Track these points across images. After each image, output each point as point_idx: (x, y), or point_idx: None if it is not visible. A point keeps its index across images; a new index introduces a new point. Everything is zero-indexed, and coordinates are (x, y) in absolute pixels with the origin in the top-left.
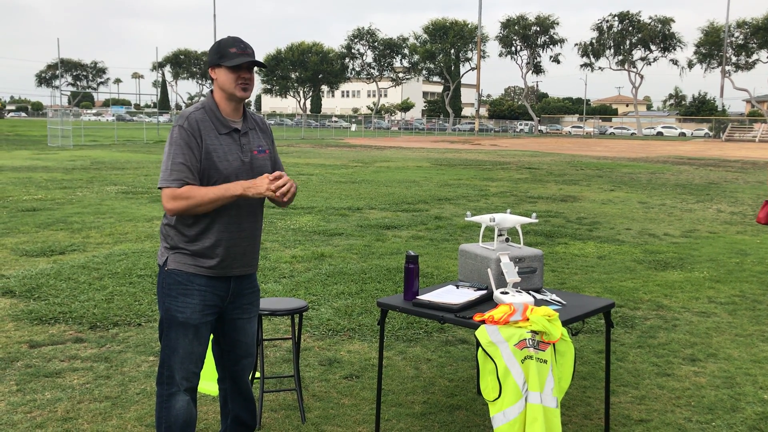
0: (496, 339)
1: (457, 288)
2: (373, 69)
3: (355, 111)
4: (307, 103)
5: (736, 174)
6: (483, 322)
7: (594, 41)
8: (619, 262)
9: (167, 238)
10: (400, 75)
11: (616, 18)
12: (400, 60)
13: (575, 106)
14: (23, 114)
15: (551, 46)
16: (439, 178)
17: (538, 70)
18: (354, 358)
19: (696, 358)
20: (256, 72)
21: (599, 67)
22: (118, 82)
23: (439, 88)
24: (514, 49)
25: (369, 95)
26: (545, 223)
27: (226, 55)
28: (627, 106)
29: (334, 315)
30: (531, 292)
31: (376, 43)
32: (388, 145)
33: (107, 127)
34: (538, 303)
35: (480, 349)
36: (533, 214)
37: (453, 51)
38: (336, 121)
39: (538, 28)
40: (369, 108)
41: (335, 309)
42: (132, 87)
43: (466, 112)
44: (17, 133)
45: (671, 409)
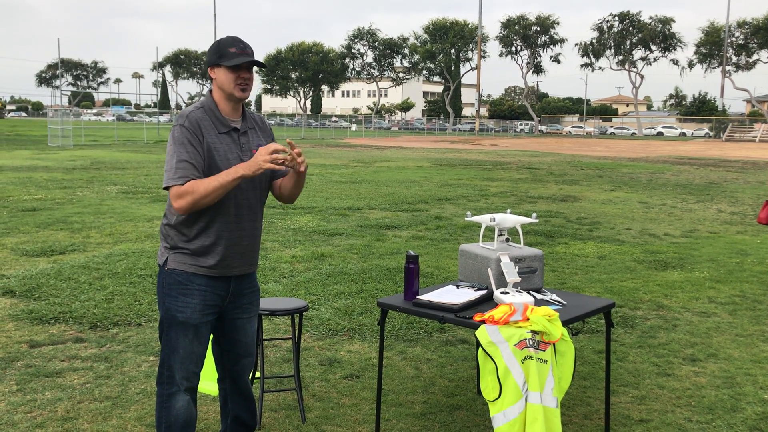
0: (496, 339)
1: (457, 288)
2: (374, 69)
3: (356, 111)
4: (308, 103)
5: (736, 174)
6: (483, 322)
7: (594, 41)
8: (619, 262)
9: (167, 238)
10: (401, 75)
11: (617, 18)
12: (401, 60)
13: (575, 106)
14: (23, 114)
15: (551, 46)
16: (440, 178)
17: (538, 70)
18: (354, 358)
19: (696, 358)
20: (256, 72)
21: (599, 67)
22: (118, 82)
23: (439, 88)
24: (514, 49)
25: (369, 95)
26: (545, 223)
27: (226, 54)
28: (627, 106)
29: (335, 315)
30: (531, 292)
31: (376, 43)
32: (389, 145)
33: (107, 127)
34: (539, 303)
35: (480, 349)
36: (533, 214)
37: (453, 51)
38: (336, 121)
39: (539, 28)
40: (369, 108)
41: (335, 309)
42: (132, 87)
43: (467, 112)
44: (17, 133)
45: (671, 409)
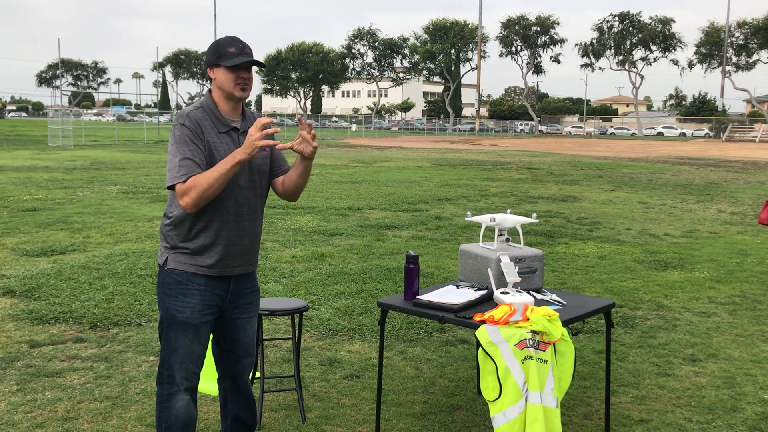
0: (496, 339)
1: (457, 288)
2: (374, 69)
3: (356, 111)
4: (308, 103)
5: (736, 174)
6: (483, 322)
7: (594, 41)
8: (619, 262)
9: (167, 238)
10: (401, 75)
11: (617, 18)
12: (401, 60)
13: (575, 107)
14: (24, 114)
15: (551, 47)
16: (440, 178)
17: (538, 70)
18: (354, 358)
19: (696, 358)
20: (256, 72)
21: (599, 68)
22: (118, 82)
23: (439, 88)
24: (514, 49)
25: (369, 95)
26: (545, 223)
27: (225, 54)
28: (627, 106)
29: (335, 315)
30: (531, 292)
31: (376, 43)
32: (389, 145)
33: (108, 127)
34: (539, 303)
35: (480, 349)
36: (533, 214)
37: (453, 51)
38: (336, 121)
39: (539, 28)
40: (369, 108)
41: (335, 309)
42: (132, 87)
43: (467, 112)
44: (18, 133)
45: (671, 410)
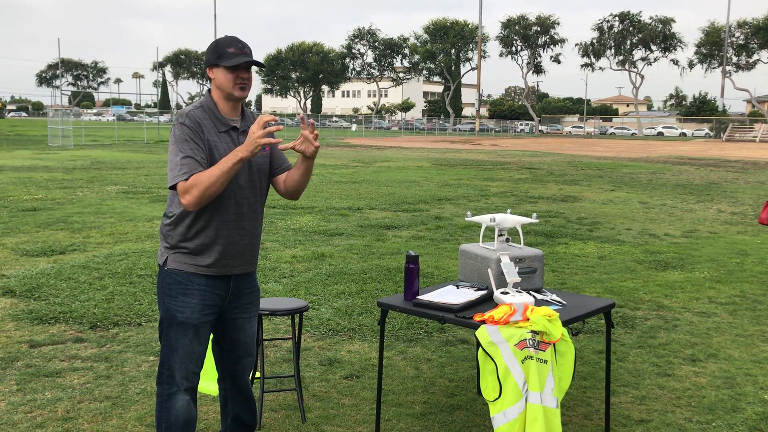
0: (496, 339)
1: (457, 288)
2: (374, 69)
3: (356, 111)
4: (308, 103)
5: (736, 174)
6: (483, 322)
7: (594, 41)
8: (619, 262)
9: (167, 238)
10: (401, 75)
11: (617, 18)
12: (401, 60)
13: (576, 106)
14: (24, 114)
15: (552, 46)
16: (440, 178)
17: (538, 70)
18: (354, 358)
19: (696, 358)
20: (256, 72)
21: (600, 68)
22: (118, 81)
23: (439, 88)
24: (514, 49)
25: (369, 95)
26: (545, 223)
27: (224, 55)
28: (627, 106)
29: (335, 315)
30: (531, 292)
31: (376, 43)
32: (389, 145)
33: (108, 127)
34: (539, 303)
35: (480, 349)
36: (534, 215)
37: (453, 51)
38: (336, 121)
39: (539, 28)
40: (369, 108)
41: (335, 309)
42: (132, 87)
43: (467, 112)
44: (18, 132)
45: (672, 410)
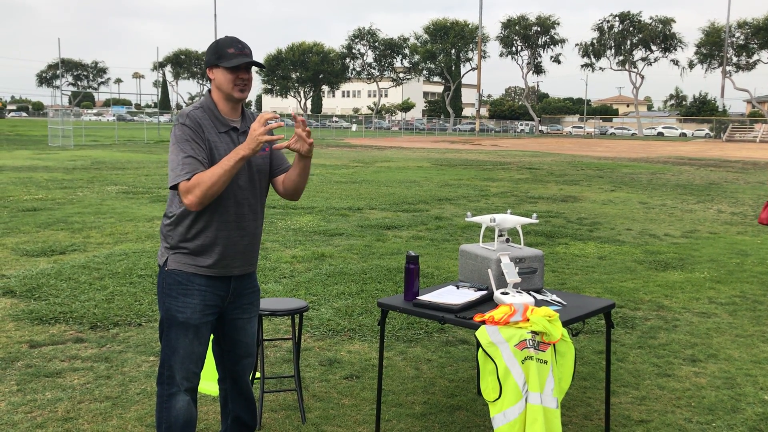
0: (496, 339)
1: (457, 288)
2: (374, 69)
3: (356, 111)
4: (308, 103)
5: (736, 174)
6: (483, 323)
7: (595, 41)
8: (619, 262)
9: (167, 238)
10: (401, 75)
11: (617, 18)
12: (401, 60)
13: (576, 107)
14: (24, 114)
15: (552, 47)
16: (440, 178)
17: (538, 70)
18: (354, 359)
19: (696, 358)
20: (256, 72)
21: (600, 68)
22: (118, 82)
23: (439, 88)
24: (514, 49)
25: (369, 95)
26: (546, 223)
27: (224, 55)
28: (628, 106)
29: (335, 315)
30: (531, 292)
31: (376, 43)
32: (389, 145)
33: (108, 127)
34: (539, 303)
35: (480, 349)
36: (534, 215)
37: (453, 51)
38: (336, 121)
39: (539, 29)
40: (369, 108)
41: (335, 309)
42: (133, 87)
43: (467, 112)
44: (18, 132)
45: (672, 410)
